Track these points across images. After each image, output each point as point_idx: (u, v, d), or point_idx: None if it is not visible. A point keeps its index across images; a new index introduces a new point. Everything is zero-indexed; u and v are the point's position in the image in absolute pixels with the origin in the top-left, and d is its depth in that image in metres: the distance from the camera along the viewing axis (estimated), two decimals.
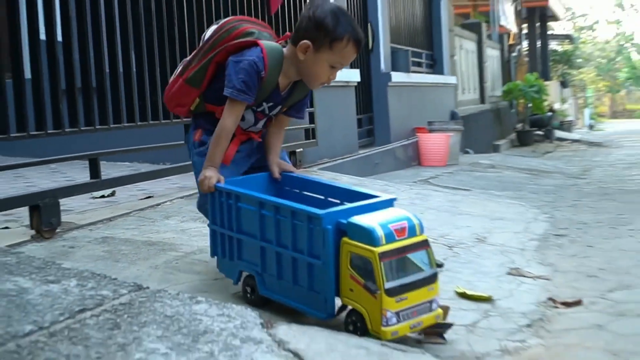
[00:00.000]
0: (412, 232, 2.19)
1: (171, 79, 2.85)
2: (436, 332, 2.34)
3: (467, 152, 10.42)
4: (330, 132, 6.54)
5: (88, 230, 3.30)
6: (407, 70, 9.46)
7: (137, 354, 1.62)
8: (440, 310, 2.24)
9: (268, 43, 2.67)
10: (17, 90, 3.17)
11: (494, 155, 11.22)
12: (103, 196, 4.29)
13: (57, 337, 1.60)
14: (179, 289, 2.34)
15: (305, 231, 2.25)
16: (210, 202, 2.65)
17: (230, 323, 1.92)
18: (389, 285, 2.07)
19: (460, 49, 13.01)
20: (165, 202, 4.03)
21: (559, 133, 17.69)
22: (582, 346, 2.27)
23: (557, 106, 21.19)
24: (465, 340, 2.32)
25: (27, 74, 3.24)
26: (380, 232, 2.11)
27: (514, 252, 3.77)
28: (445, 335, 2.33)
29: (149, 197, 4.26)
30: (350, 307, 2.21)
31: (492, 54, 15.98)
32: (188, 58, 2.85)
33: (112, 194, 4.36)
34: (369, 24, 8.51)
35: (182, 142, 4.41)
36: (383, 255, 2.08)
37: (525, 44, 22.90)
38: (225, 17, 4.71)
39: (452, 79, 11.83)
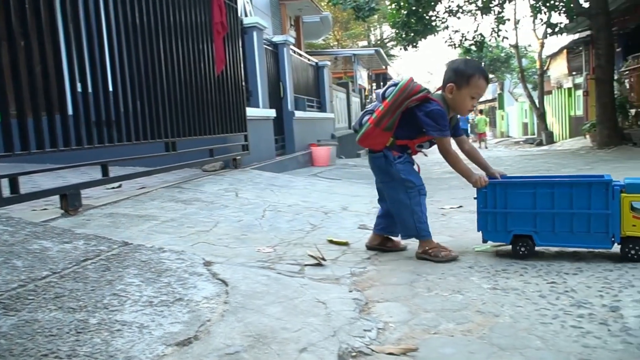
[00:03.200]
0: None
1: (366, 130, 2.47)
2: (314, 263, 2.33)
3: (340, 157, 10.48)
4: (258, 146, 6.43)
5: (100, 209, 3.10)
6: (305, 110, 9.44)
7: (119, 285, 1.52)
8: None
9: (435, 94, 2.41)
10: (64, 123, 2.93)
11: (356, 159, 11.29)
12: (113, 187, 4.06)
13: (65, 278, 1.48)
14: (154, 244, 2.22)
15: (591, 193, 2.09)
16: (481, 195, 2.35)
17: (183, 263, 1.84)
18: None
19: (336, 97, 13.09)
20: (152, 190, 3.84)
21: None
22: (399, 270, 2.29)
23: None
24: (330, 268, 2.30)
25: (69, 111, 3.01)
26: None
27: (364, 215, 3.79)
28: (317, 265, 2.32)
29: (143, 187, 4.05)
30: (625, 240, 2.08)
31: (355, 100, 16.16)
32: (370, 110, 2.52)
33: (119, 186, 4.13)
34: (280, 83, 8.44)
35: (165, 153, 4.22)
36: None
37: (374, 94, 23.32)
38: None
39: (331, 115, 11.88)
